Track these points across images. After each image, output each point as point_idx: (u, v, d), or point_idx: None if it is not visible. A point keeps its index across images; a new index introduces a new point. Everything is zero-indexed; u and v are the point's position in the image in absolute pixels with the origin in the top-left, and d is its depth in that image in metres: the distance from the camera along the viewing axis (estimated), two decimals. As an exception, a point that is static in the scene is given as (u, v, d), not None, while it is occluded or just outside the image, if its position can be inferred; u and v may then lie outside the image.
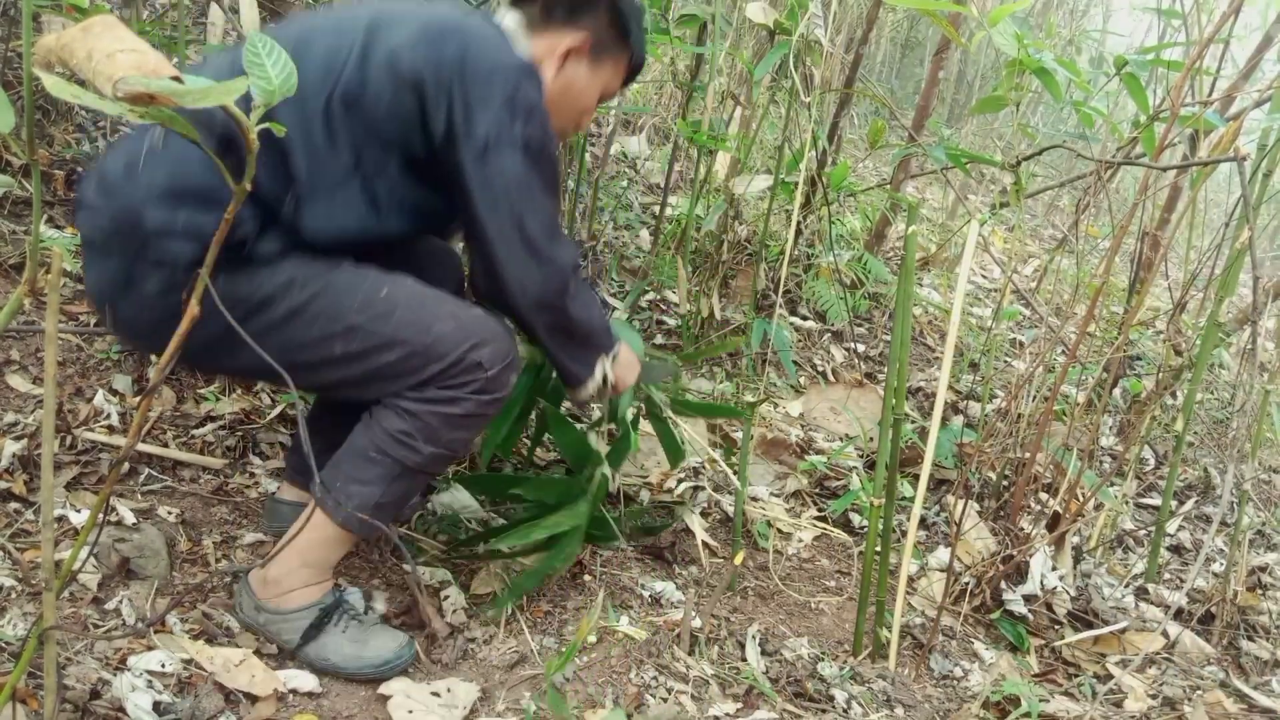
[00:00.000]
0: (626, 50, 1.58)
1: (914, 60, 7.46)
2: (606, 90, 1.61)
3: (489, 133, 1.35)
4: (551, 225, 1.45)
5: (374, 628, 1.56)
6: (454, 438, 1.46)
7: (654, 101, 4.25)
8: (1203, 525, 2.82)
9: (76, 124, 2.56)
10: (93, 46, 0.73)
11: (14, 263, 2.13)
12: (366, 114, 1.35)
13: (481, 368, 1.43)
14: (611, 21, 1.54)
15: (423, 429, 1.43)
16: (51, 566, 0.81)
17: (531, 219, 1.41)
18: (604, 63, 1.57)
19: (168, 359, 0.82)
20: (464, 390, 1.43)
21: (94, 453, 1.83)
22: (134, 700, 1.30)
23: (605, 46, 1.55)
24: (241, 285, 1.34)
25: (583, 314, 1.54)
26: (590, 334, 1.59)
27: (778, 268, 3.22)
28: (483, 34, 1.40)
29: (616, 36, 1.56)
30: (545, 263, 1.44)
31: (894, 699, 1.63)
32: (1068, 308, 3.25)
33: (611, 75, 1.60)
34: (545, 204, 1.43)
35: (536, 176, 1.40)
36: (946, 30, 2.13)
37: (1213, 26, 1.83)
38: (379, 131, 1.37)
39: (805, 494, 2.39)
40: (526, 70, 1.40)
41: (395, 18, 1.40)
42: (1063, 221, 5.95)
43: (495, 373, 1.45)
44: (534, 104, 1.39)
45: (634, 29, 1.57)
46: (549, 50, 1.52)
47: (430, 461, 1.46)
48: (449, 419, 1.44)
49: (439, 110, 1.35)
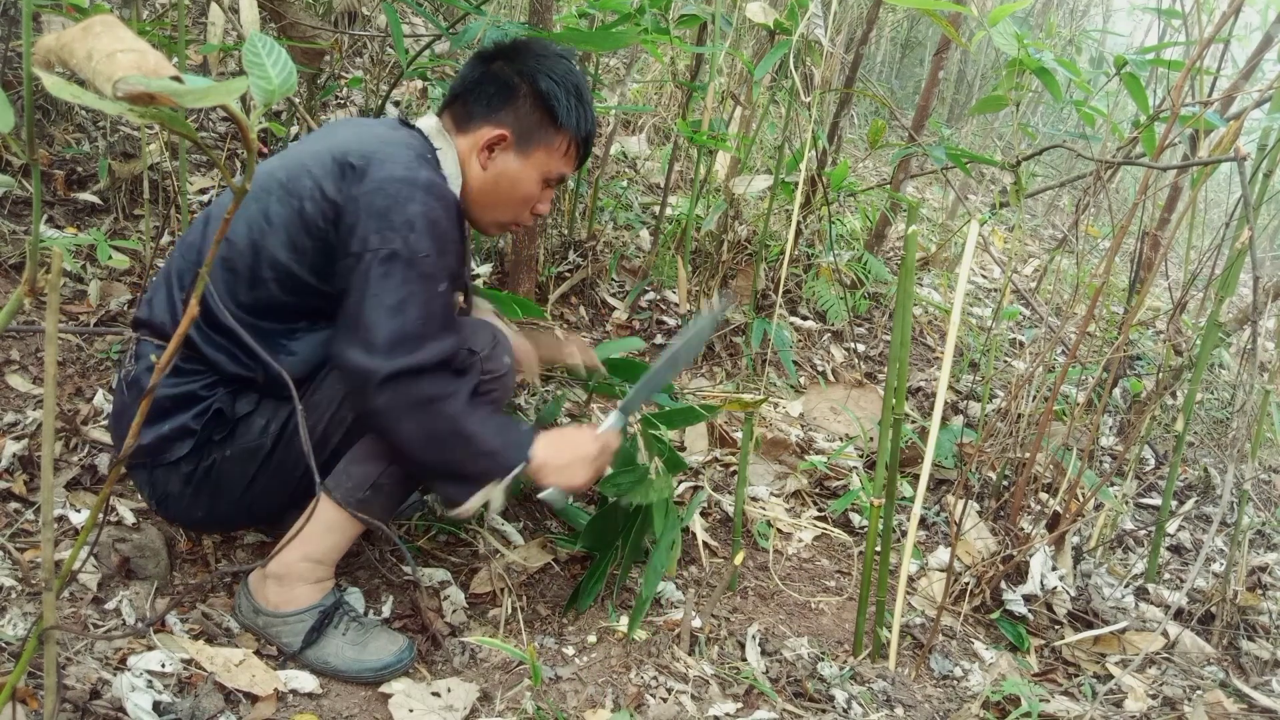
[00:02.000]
0: (560, 132, 1.54)
1: (914, 60, 7.46)
2: (549, 173, 1.57)
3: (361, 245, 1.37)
4: (409, 335, 1.37)
5: (374, 630, 1.56)
6: None
7: (654, 101, 4.25)
8: (1203, 525, 2.81)
9: (76, 124, 2.56)
10: (93, 46, 0.73)
11: (14, 263, 2.13)
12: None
13: (474, 353, 1.48)
14: (534, 107, 1.52)
15: None
16: (51, 566, 0.81)
17: (377, 316, 1.36)
18: (534, 150, 1.54)
19: (168, 358, 0.82)
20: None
21: (94, 453, 1.83)
22: (134, 700, 1.30)
23: (531, 135, 1.53)
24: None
25: (422, 434, 1.41)
26: (453, 461, 1.44)
27: (778, 268, 3.22)
28: (384, 154, 1.42)
29: (542, 121, 1.53)
30: (382, 362, 1.35)
31: (894, 699, 1.63)
32: (1068, 308, 3.25)
33: (548, 159, 1.56)
34: (407, 307, 1.37)
35: (401, 282, 1.36)
36: (946, 30, 2.13)
37: (1213, 26, 1.83)
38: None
39: (805, 494, 2.39)
40: (413, 183, 1.39)
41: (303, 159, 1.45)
42: (1063, 221, 5.95)
43: (488, 352, 1.50)
44: (413, 216, 1.37)
45: (564, 109, 1.53)
46: (472, 146, 1.54)
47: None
48: None
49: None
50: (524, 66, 1.53)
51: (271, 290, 1.43)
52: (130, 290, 2.22)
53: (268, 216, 1.42)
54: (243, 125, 0.71)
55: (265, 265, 1.42)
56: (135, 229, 2.37)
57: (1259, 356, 1.79)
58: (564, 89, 1.53)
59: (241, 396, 1.48)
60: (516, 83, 1.52)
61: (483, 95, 1.53)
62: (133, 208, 2.42)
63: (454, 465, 1.44)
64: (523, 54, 1.55)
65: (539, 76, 1.52)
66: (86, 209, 2.39)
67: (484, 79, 1.54)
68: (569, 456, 1.51)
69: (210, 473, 1.48)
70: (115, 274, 2.24)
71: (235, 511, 1.54)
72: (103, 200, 2.41)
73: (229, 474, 1.48)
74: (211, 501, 1.50)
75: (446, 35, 2.34)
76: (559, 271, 2.86)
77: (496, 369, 1.53)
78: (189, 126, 0.71)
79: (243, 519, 1.60)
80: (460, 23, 2.41)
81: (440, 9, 2.78)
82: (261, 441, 1.47)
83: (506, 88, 1.52)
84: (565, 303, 2.88)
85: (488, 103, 1.53)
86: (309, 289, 1.43)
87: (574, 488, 1.53)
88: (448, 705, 1.45)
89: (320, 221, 1.40)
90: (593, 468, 1.54)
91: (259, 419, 1.47)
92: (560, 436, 1.54)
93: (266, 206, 1.43)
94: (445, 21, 2.45)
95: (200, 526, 1.63)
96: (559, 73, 1.53)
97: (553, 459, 1.49)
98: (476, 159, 1.54)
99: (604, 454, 1.56)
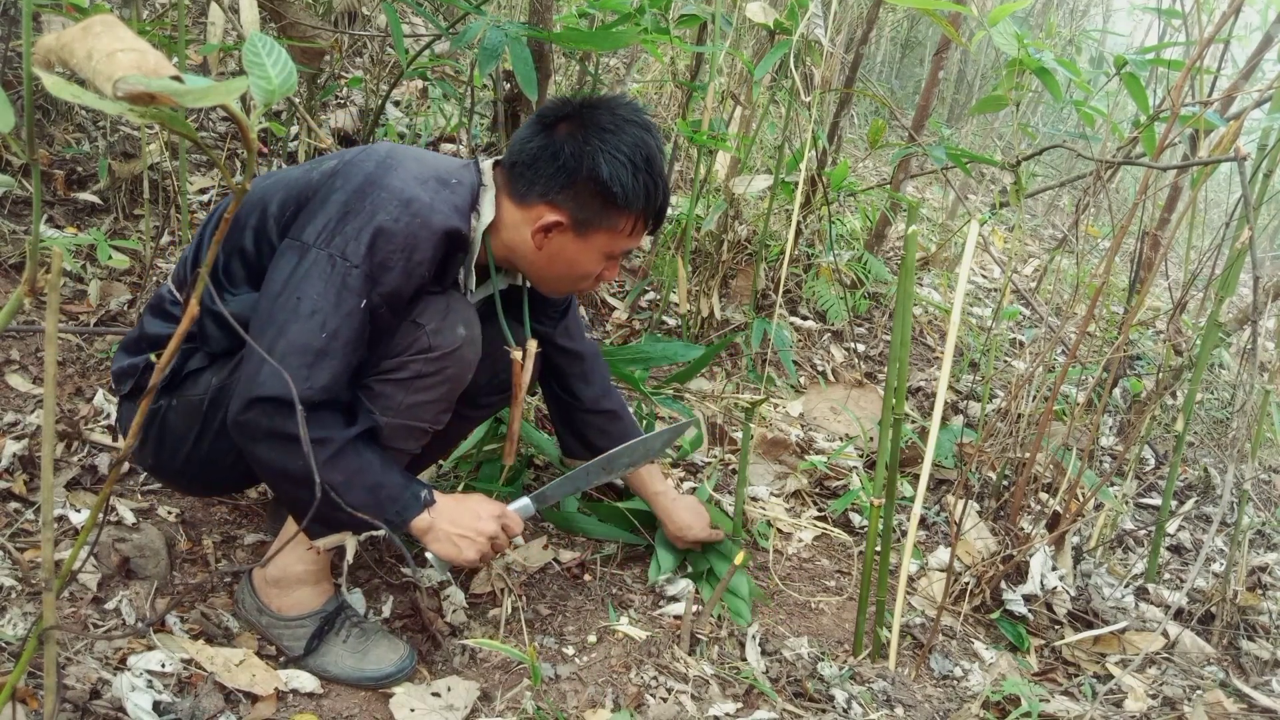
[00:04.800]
0: (625, 214, 1.46)
1: (914, 60, 7.46)
2: (613, 252, 1.51)
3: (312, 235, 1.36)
4: (308, 349, 1.31)
5: (375, 636, 1.55)
6: (412, 403, 1.43)
7: (654, 101, 4.25)
8: (1203, 525, 2.81)
9: (76, 124, 2.57)
10: (93, 46, 0.72)
11: (14, 263, 2.13)
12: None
13: (419, 326, 1.42)
14: (594, 193, 1.43)
15: (375, 398, 1.42)
16: (51, 566, 0.81)
17: (291, 324, 1.31)
18: (594, 234, 1.47)
19: (169, 355, 0.82)
20: (408, 353, 1.41)
21: (94, 453, 1.83)
22: (134, 700, 1.30)
23: (590, 221, 1.45)
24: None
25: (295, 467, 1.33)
26: (302, 502, 1.38)
27: (778, 268, 3.22)
28: (404, 168, 1.41)
29: (602, 206, 1.44)
30: (267, 376, 1.30)
31: (894, 699, 1.62)
32: (1068, 308, 3.25)
33: (611, 240, 1.49)
34: (317, 316, 1.31)
35: (322, 290, 1.31)
36: (946, 30, 2.13)
37: (1213, 26, 1.83)
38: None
39: (805, 494, 2.39)
40: (396, 196, 1.36)
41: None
42: (1063, 221, 5.95)
43: (434, 326, 1.42)
44: (363, 225, 1.33)
45: (628, 191, 1.43)
46: (526, 221, 1.47)
47: (391, 433, 1.43)
48: (401, 384, 1.42)
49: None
50: (585, 146, 1.42)
51: (245, 238, 1.43)
52: (130, 290, 2.22)
53: (287, 176, 1.45)
54: (243, 125, 0.71)
55: (256, 212, 1.43)
56: (135, 229, 2.37)
57: (1259, 356, 1.79)
58: (629, 169, 1.43)
59: (196, 354, 1.46)
60: (574, 165, 1.42)
61: (541, 172, 1.44)
62: (133, 208, 2.42)
63: (303, 506, 1.37)
64: (587, 125, 1.44)
65: (600, 159, 1.41)
66: (86, 209, 2.39)
67: (543, 153, 1.43)
68: (462, 528, 1.42)
69: (154, 419, 1.47)
70: (115, 274, 2.24)
71: (185, 467, 1.50)
72: (103, 200, 2.41)
73: (174, 426, 1.46)
74: (158, 450, 1.49)
75: (446, 35, 2.34)
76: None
77: (445, 344, 1.43)
78: (189, 126, 0.71)
79: (196, 478, 1.54)
80: (460, 23, 2.41)
81: (440, 9, 2.78)
82: (204, 397, 1.44)
83: (564, 170, 1.42)
84: (565, 303, 2.88)
85: (546, 182, 1.43)
86: (271, 248, 1.42)
87: (457, 563, 1.43)
88: (448, 705, 1.45)
89: (310, 192, 1.40)
90: (484, 548, 1.43)
91: (206, 375, 1.45)
92: (461, 506, 1.44)
93: (293, 171, 1.46)
94: (445, 21, 2.45)
95: (155, 474, 1.58)
96: (624, 150, 1.43)
97: (443, 526, 1.41)
98: (531, 236, 1.47)
99: (501, 536, 1.46)
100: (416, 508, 1.40)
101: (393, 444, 1.45)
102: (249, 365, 1.33)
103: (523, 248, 1.49)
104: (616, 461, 1.71)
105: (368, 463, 1.37)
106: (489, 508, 1.47)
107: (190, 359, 1.46)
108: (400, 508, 1.38)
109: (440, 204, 1.38)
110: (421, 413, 1.45)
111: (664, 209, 1.51)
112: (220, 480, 1.57)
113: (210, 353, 1.46)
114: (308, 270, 1.33)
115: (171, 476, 1.57)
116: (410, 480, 1.41)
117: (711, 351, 2.31)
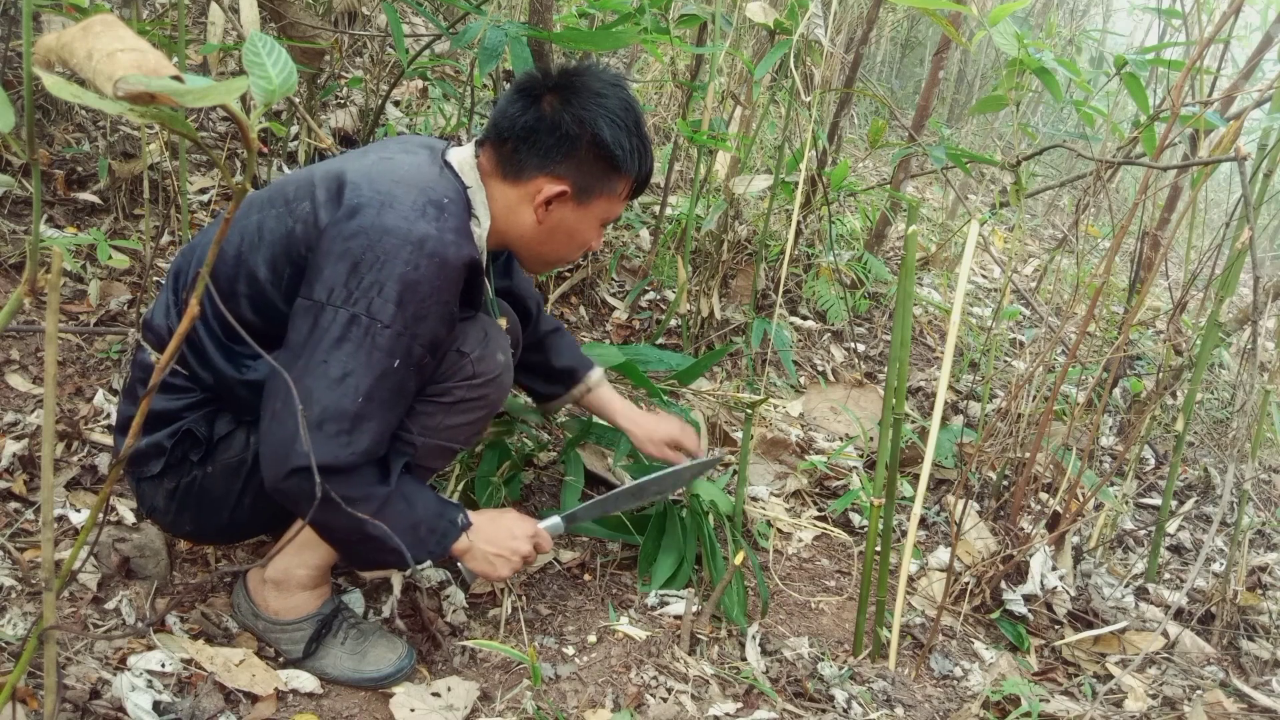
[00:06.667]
0: (622, 178, 1.47)
1: (914, 60, 7.46)
2: (608, 217, 1.52)
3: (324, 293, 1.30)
4: (344, 414, 1.27)
5: (373, 637, 1.55)
6: (451, 424, 1.45)
7: (654, 101, 4.25)
8: (1203, 525, 2.81)
9: (76, 124, 2.56)
10: (93, 46, 0.72)
11: (14, 262, 2.13)
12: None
13: (463, 354, 1.43)
14: (596, 158, 1.43)
15: (415, 417, 1.42)
16: (51, 566, 0.81)
17: (315, 382, 1.27)
18: (595, 200, 1.47)
19: (169, 354, 0.82)
20: (453, 380, 1.43)
21: (94, 453, 1.83)
22: (134, 700, 1.30)
23: (591, 186, 1.45)
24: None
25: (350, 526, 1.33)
26: (351, 548, 1.41)
27: (778, 268, 3.22)
28: (389, 195, 1.32)
29: (604, 170, 1.45)
30: (318, 443, 1.27)
31: (894, 699, 1.62)
32: (1068, 308, 3.25)
33: (609, 206, 1.50)
34: (349, 380, 1.28)
35: (352, 352, 1.28)
36: (947, 30, 2.13)
37: (1213, 26, 1.83)
38: None
39: (805, 494, 2.39)
40: (404, 238, 1.28)
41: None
42: (1063, 221, 5.95)
43: (478, 354, 1.44)
44: (385, 277, 1.27)
45: (624, 151, 1.44)
46: (524, 197, 1.45)
47: (425, 453, 1.45)
48: (444, 407, 1.44)
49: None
50: (583, 112, 1.41)
51: (242, 307, 1.37)
52: (130, 290, 2.22)
53: (261, 230, 1.37)
54: (243, 125, 0.71)
55: (243, 279, 1.37)
56: (135, 229, 2.37)
57: (1259, 356, 1.79)
58: (625, 131, 1.43)
59: (221, 418, 1.45)
60: (577, 132, 1.41)
61: (538, 145, 1.42)
62: (133, 207, 2.42)
63: (351, 552, 1.42)
64: (578, 92, 1.42)
65: (600, 123, 1.41)
66: (86, 209, 2.39)
67: (538, 125, 1.41)
68: (498, 547, 1.47)
69: (193, 489, 1.45)
70: (115, 274, 2.24)
71: (229, 526, 1.50)
72: (103, 200, 2.41)
73: (213, 491, 1.45)
74: (198, 516, 1.48)
75: (446, 35, 2.34)
76: (559, 271, 2.86)
77: (488, 371, 1.46)
78: (189, 126, 0.71)
79: (238, 533, 1.56)
80: (460, 23, 2.41)
81: (440, 9, 2.78)
82: (244, 457, 1.43)
83: (566, 139, 1.41)
84: (565, 302, 2.88)
85: (545, 153, 1.42)
86: (278, 314, 1.36)
87: (492, 579, 1.50)
88: (448, 705, 1.45)
89: (303, 248, 1.33)
90: (517, 566, 1.49)
91: (240, 435, 1.44)
92: (495, 525, 1.48)
93: (264, 219, 1.38)
94: (445, 21, 2.45)
95: (193, 539, 1.61)
96: (619, 113, 1.43)
97: (481, 546, 1.46)
98: (531, 211, 1.46)
99: (533, 554, 1.52)
100: (455, 534, 1.42)
101: (424, 463, 1.47)
102: (280, 430, 1.28)
103: (519, 227, 1.49)
104: (646, 490, 1.77)
105: (408, 505, 1.37)
106: (523, 527, 1.51)
107: (216, 424, 1.44)
108: (439, 537, 1.41)
109: (448, 233, 1.32)
110: (458, 434, 1.48)
111: (650, 172, 1.53)
112: (263, 528, 1.58)
113: (238, 418, 1.45)
114: (327, 329, 1.27)
115: (213, 536, 1.58)
116: (443, 505, 1.42)
117: (708, 360, 2.31)
